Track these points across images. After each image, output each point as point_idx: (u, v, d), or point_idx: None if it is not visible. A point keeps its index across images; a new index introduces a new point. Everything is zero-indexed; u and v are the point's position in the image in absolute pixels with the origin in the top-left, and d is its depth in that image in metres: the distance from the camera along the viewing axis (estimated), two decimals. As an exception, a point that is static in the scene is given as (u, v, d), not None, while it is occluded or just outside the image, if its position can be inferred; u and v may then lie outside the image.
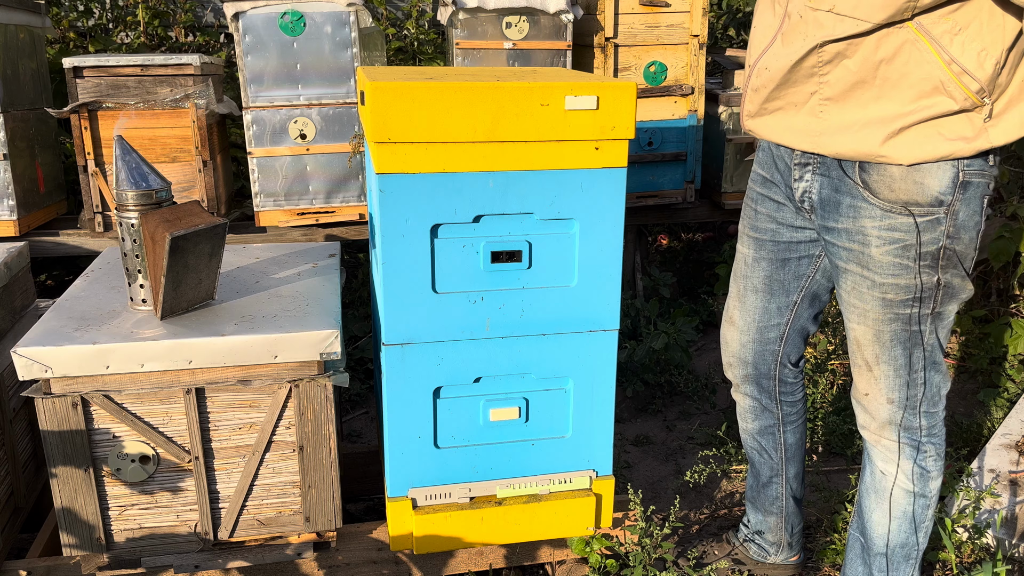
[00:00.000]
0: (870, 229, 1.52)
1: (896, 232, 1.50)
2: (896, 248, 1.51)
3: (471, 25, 3.01)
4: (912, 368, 1.61)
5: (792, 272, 1.78)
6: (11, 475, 2.00)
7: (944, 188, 1.45)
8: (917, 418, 1.67)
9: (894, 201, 1.48)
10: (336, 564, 1.87)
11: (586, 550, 1.90)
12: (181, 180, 2.86)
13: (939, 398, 1.67)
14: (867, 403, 1.70)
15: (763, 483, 2.07)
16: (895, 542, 1.77)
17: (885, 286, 1.55)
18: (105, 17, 4.22)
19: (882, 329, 1.59)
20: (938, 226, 1.48)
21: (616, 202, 1.68)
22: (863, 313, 1.60)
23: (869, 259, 1.54)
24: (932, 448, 1.69)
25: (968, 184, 1.47)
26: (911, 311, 1.55)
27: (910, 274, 1.52)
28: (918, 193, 1.46)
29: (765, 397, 1.94)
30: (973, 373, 3.21)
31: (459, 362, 1.71)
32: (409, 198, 1.58)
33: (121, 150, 1.70)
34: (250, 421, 1.73)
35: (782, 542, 2.12)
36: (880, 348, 1.61)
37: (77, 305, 1.79)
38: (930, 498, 1.73)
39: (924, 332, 1.58)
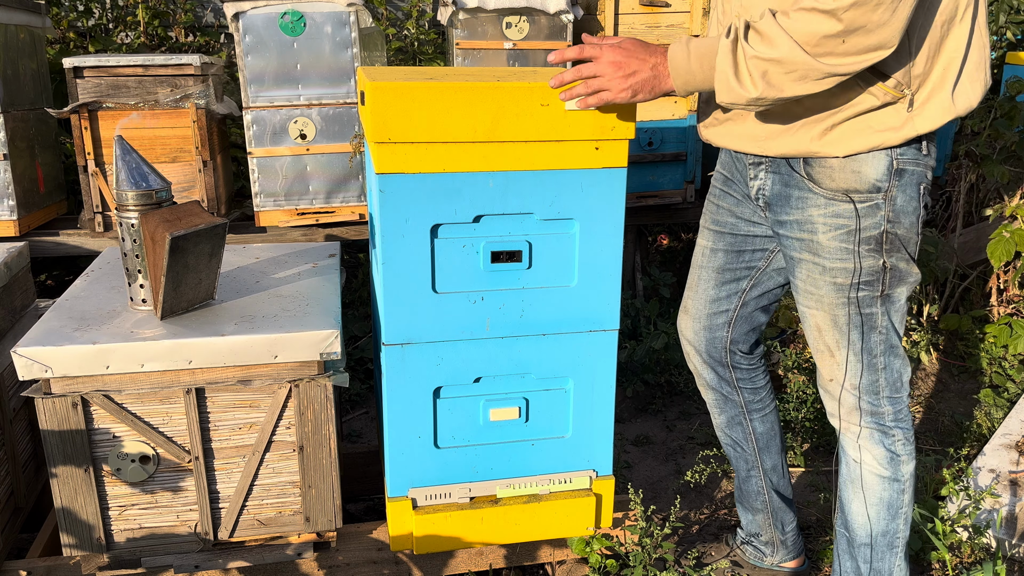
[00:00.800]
0: (816, 217, 1.62)
1: (840, 218, 1.60)
2: (841, 233, 1.60)
3: (471, 25, 3.01)
4: (871, 353, 1.68)
5: (745, 262, 1.88)
6: (11, 475, 2.00)
7: (880, 176, 1.55)
8: (883, 403, 1.72)
9: (835, 190, 1.58)
10: (336, 564, 1.87)
11: (586, 550, 1.90)
12: (181, 180, 2.86)
13: (901, 384, 1.73)
14: (832, 389, 1.75)
15: (743, 479, 2.10)
16: (876, 530, 1.80)
17: (835, 270, 1.63)
18: (105, 17, 4.22)
19: (837, 314, 1.67)
20: (877, 211, 1.58)
21: (616, 202, 1.68)
22: (819, 299, 1.68)
23: (818, 246, 1.64)
24: (900, 432, 1.74)
25: (903, 172, 1.56)
26: (861, 294, 1.64)
27: (855, 258, 1.61)
28: (856, 181, 1.56)
29: (725, 386, 2.00)
30: (973, 373, 3.21)
31: (459, 362, 1.71)
32: (409, 198, 1.58)
33: (121, 150, 1.70)
34: (250, 421, 1.73)
35: (775, 541, 2.13)
36: (839, 333, 1.69)
37: (77, 305, 1.79)
38: (903, 482, 1.77)
39: (876, 315, 1.66)
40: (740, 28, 1.44)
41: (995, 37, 4.46)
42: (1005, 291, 3.33)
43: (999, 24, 4.37)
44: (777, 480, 2.09)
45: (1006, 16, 4.34)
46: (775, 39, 1.39)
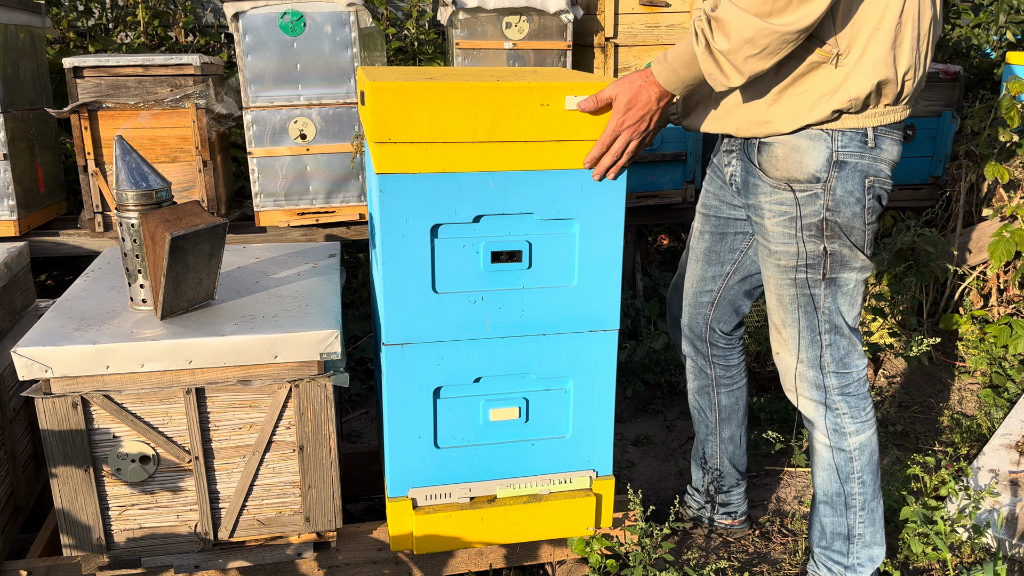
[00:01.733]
0: (764, 204, 1.74)
1: (782, 206, 1.71)
2: (783, 220, 1.72)
3: (471, 25, 3.01)
4: (814, 331, 1.79)
5: (728, 245, 1.99)
6: (11, 475, 2.00)
7: (819, 167, 1.66)
8: (827, 377, 1.82)
9: (779, 178, 1.70)
10: (336, 564, 1.87)
11: (586, 550, 1.90)
12: (181, 180, 2.86)
13: (848, 361, 1.82)
14: (779, 363, 1.89)
15: (701, 440, 2.27)
16: (829, 490, 1.92)
17: (778, 253, 1.76)
18: (105, 17, 4.22)
19: (782, 294, 1.79)
20: (816, 200, 1.68)
21: (616, 202, 1.68)
22: (767, 280, 1.82)
23: (764, 230, 1.76)
24: (844, 406, 1.84)
25: (843, 164, 1.65)
26: (803, 276, 1.74)
27: (796, 242, 1.72)
28: (798, 171, 1.67)
29: (700, 358, 2.15)
30: (973, 373, 3.21)
31: (459, 362, 1.71)
32: (409, 198, 1.58)
33: (121, 150, 1.70)
34: (250, 421, 1.73)
35: (716, 501, 2.30)
36: (784, 312, 1.81)
37: (77, 305, 1.79)
38: (850, 452, 1.87)
39: (819, 297, 1.76)
40: (705, 28, 1.55)
41: (995, 37, 4.46)
42: (1005, 291, 3.33)
43: (999, 24, 4.37)
44: (733, 450, 2.25)
45: (1006, 16, 4.34)
46: (733, 22, 1.49)
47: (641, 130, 1.61)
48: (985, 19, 4.45)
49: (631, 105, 1.59)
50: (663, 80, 1.60)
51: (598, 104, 1.58)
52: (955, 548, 2.21)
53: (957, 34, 4.53)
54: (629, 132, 1.60)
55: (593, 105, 1.58)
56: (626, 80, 1.60)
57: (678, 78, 1.60)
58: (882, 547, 1.95)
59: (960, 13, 4.68)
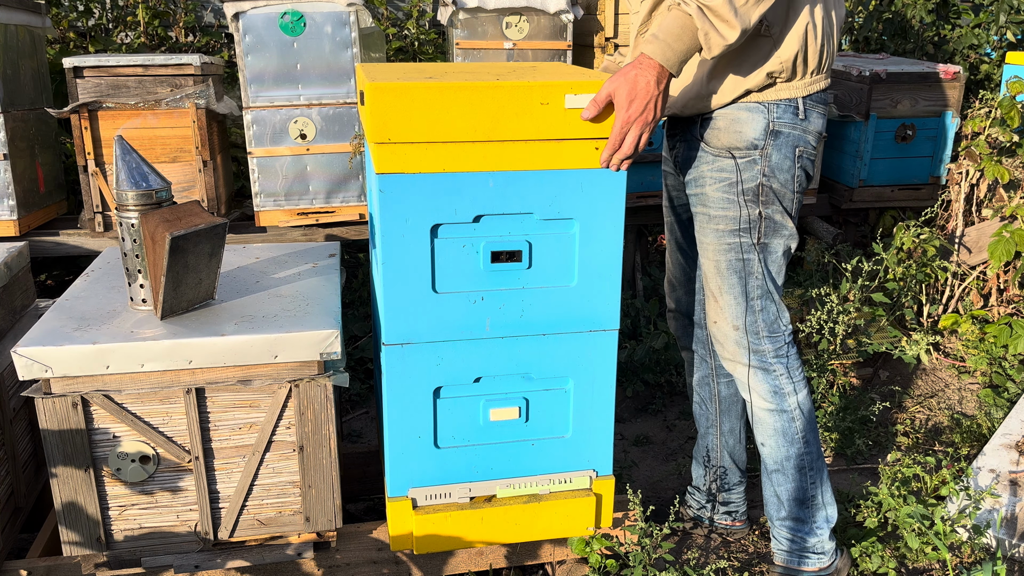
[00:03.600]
0: (706, 172, 1.84)
1: (723, 172, 1.81)
2: (724, 185, 1.82)
3: (471, 25, 3.01)
4: (748, 296, 1.87)
5: (691, 232, 2.07)
6: (11, 475, 2.00)
7: (757, 135, 1.78)
8: (762, 342, 1.90)
9: (720, 147, 1.81)
10: (336, 564, 1.87)
11: (586, 550, 1.90)
12: (181, 180, 2.86)
13: (779, 325, 1.91)
14: (716, 331, 1.94)
15: (702, 435, 2.30)
16: (779, 456, 1.98)
17: (718, 218, 1.84)
18: (105, 17, 4.22)
19: (719, 259, 1.87)
20: (755, 166, 1.79)
21: (616, 202, 1.68)
22: (705, 248, 1.89)
23: (706, 197, 1.85)
24: (781, 367, 1.92)
25: (779, 133, 1.78)
26: (740, 240, 1.84)
27: (735, 207, 1.82)
28: (738, 140, 1.79)
29: (700, 347, 2.20)
30: (973, 373, 3.21)
31: (459, 362, 1.71)
32: (409, 198, 1.58)
33: (121, 150, 1.70)
34: (250, 421, 1.73)
35: (717, 499, 2.31)
36: (721, 279, 1.88)
37: (77, 305, 1.79)
38: (791, 412, 1.93)
39: (752, 262, 1.85)
40: None
41: (995, 37, 4.46)
42: (1005, 291, 3.33)
43: (999, 24, 4.36)
44: (733, 444, 2.27)
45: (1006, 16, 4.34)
46: None
47: (648, 120, 1.61)
48: (985, 19, 4.45)
49: (632, 97, 1.58)
50: (660, 58, 1.60)
51: (599, 107, 1.58)
52: (955, 548, 2.21)
53: (957, 34, 4.53)
54: (638, 126, 1.60)
55: (595, 109, 1.58)
56: (620, 73, 1.59)
57: (673, 52, 1.61)
58: (834, 507, 2.02)
59: (960, 13, 4.67)
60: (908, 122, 3.50)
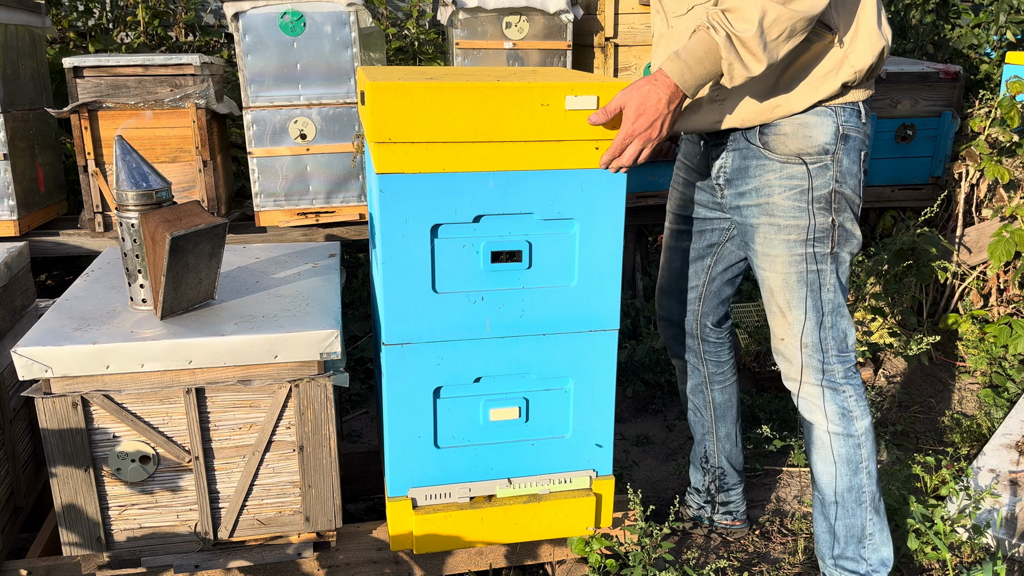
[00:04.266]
0: (774, 180, 1.76)
1: (794, 179, 1.74)
2: (795, 192, 1.75)
3: (471, 25, 3.01)
4: (819, 311, 1.80)
5: (705, 242, 2.05)
6: (11, 475, 2.00)
7: (828, 139, 1.72)
8: (832, 361, 1.83)
9: (789, 154, 1.74)
10: (336, 564, 1.87)
11: (586, 550, 1.90)
12: (181, 180, 2.86)
13: (847, 345, 1.85)
14: (783, 348, 1.87)
15: (698, 441, 2.29)
16: (841, 487, 1.89)
17: (789, 228, 1.77)
18: (105, 17, 4.22)
19: (789, 271, 1.80)
20: (827, 171, 1.73)
21: (616, 202, 1.68)
22: (773, 260, 1.81)
23: (774, 207, 1.77)
24: (851, 389, 1.85)
25: (848, 137, 1.73)
26: (813, 250, 1.77)
27: (807, 215, 1.75)
28: (808, 144, 1.72)
29: (692, 356, 2.18)
30: (973, 373, 3.21)
31: (459, 362, 1.71)
32: (409, 198, 1.58)
33: (121, 150, 1.70)
34: (250, 421, 1.73)
35: (716, 500, 2.31)
36: (790, 293, 1.81)
37: (77, 305, 1.79)
38: (858, 437, 1.86)
39: (825, 272, 1.79)
40: (721, 18, 1.55)
41: (995, 37, 4.46)
42: (1005, 291, 3.33)
43: (999, 24, 4.36)
44: (730, 448, 2.26)
45: (1006, 16, 4.34)
46: (751, 8, 1.52)
47: (652, 137, 1.58)
48: (985, 19, 4.45)
49: (640, 112, 1.57)
50: (677, 78, 1.58)
51: (608, 116, 1.57)
52: (955, 548, 2.21)
53: (957, 34, 4.53)
54: (640, 140, 1.58)
55: (604, 118, 1.57)
56: (634, 87, 1.58)
57: (693, 75, 1.58)
58: (891, 548, 1.92)
59: (960, 13, 4.67)
60: (908, 122, 3.50)
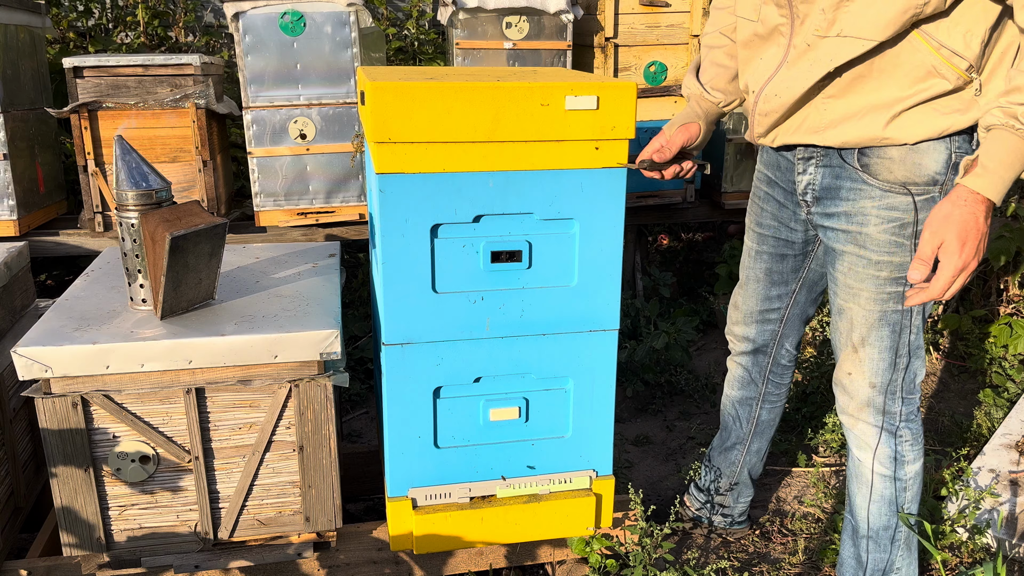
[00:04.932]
0: (870, 209, 1.61)
1: (895, 211, 1.59)
2: (894, 226, 1.60)
3: (471, 25, 3.01)
4: (897, 352, 1.69)
5: (790, 265, 1.93)
6: (11, 475, 2.00)
7: (939, 168, 1.56)
8: (896, 403, 1.74)
9: (893, 181, 1.58)
10: (336, 564, 1.87)
11: (586, 550, 1.90)
12: (181, 180, 2.86)
13: (915, 385, 1.75)
14: (848, 383, 1.77)
15: (727, 447, 2.23)
16: (877, 524, 1.84)
17: (881, 264, 1.63)
18: (105, 17, 4.22)
19: (873, 309, 1.67)
20: (932, 205, 1.56)
21: (616, 202, 1.68)
22: (856, 294, 1.68)
23: (867, 238, 1.63)
24: (908, 433, 1.77)
25: (959, 166, 1.54)
26: (902, 290, 1.63)
27: (905, 252, 1.61)
28: (916, 173, 1.56)
29: (756, 371, 2.10)
30: (973, 373, 3.21)
31: (459, 362, 1.71)
32: (409, 198, 1.58)
33: (121, 150, 1.70)
34: (250, 421, 1.73)
35: (721, 504, 2.28)
36: (869, 329, 1.69)
37: (77, 305, 1.79)
38: (906, 481, 1.80)
39: (910, 314, 1.67)
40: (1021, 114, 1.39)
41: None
42: (1005, 291, 3.33)
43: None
44: (755, 462, 2.23)
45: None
46: None
47: (980, 260, 1.45)
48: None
49: (964, 240, 1.42)
50: (992, 193, 1.42)
51: (929, 265, 1.43)
52: (955, 548, 2.21)
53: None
54: (971, 270, 1.44)
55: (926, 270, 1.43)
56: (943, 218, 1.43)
57: (1004, 183, 1.43)
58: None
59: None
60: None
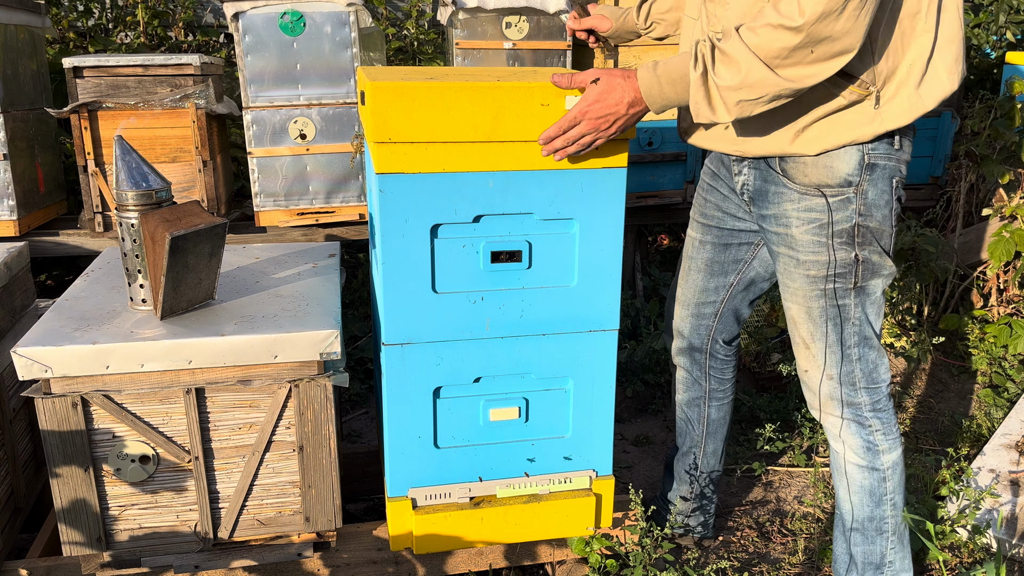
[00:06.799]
0: (791, 211, 1.67)
1: (812, 212, 1.64)
2: (814, 227, 1.65)
3: (471, 25, 3.01)
4: (844, 344, 1.73)
5: (732, 256, 1.95)
6: (11, 475, 2.00)
7: (851, 170, 1.60)
8: (859, 394, 1.76)
9: (808, 184, 1.63)
10: (336, 564, 1.87)
11: (586, 550, 1.90)
12: (181, 180, 2.86)
13: (878, 375, 1.77)
14: (808, 379, 1.81)
15: (683, 452, 2.22)
16: (861, 516, 1.86)
17: (807, 263, 1.68)
18: (105, 17, 4.22)
19: (811, 306, 1.72)
20: (849, 205, 1.62)
21: (616, 202, 1.68)
22: (794, 292, 1.74)
23: (792, 239, 1.69)
24: (879, 423, 1.79)
25: (874, 166, 1.60)
26: (833, 286, 1.68)
27: (827, 251, 1.66)
28: (828, 176, 1.61)
29: (696, 369, 2.11)
30: (973, 373, 3.21)
31: (459, 362, 1.71)
32: (409, 198, 1.58)
33: (121, 150, 1.70)
34: (250, 421, 1.73)
35: (686, 511, 2.25)
36: (812, 325, 1.74)
37: (77, 305, 1.79)
38: (884, 471, 1.81)
39: (849, 307, 1.70)
40: (707, 55, 1.47)
41: (995, 37, 4.46)
42: (1005, 291, 3.33)
43: (999, 24, 4.36)
44: (714, 464, 2.22)
45: (1006, 16, 4.34)
46: (741, 61, 1.43)
47: (601, 128, 1.54)
48: (985, 19, 4.45)
49: (600, 99, 1.52)
50: (644, 88, 1.52)
51: (571, 84, 1.54)
52: (955, 548, 2.21)
53: (957, 34, 4.52)
54: (589, 124, 1.54)
55: (566, 83, 1.54)
56: (607, 73, 1.54)
57: (661, 93, 1.52)
58: (911, 573, 1.90)
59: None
60: (908, 122, 3.49)
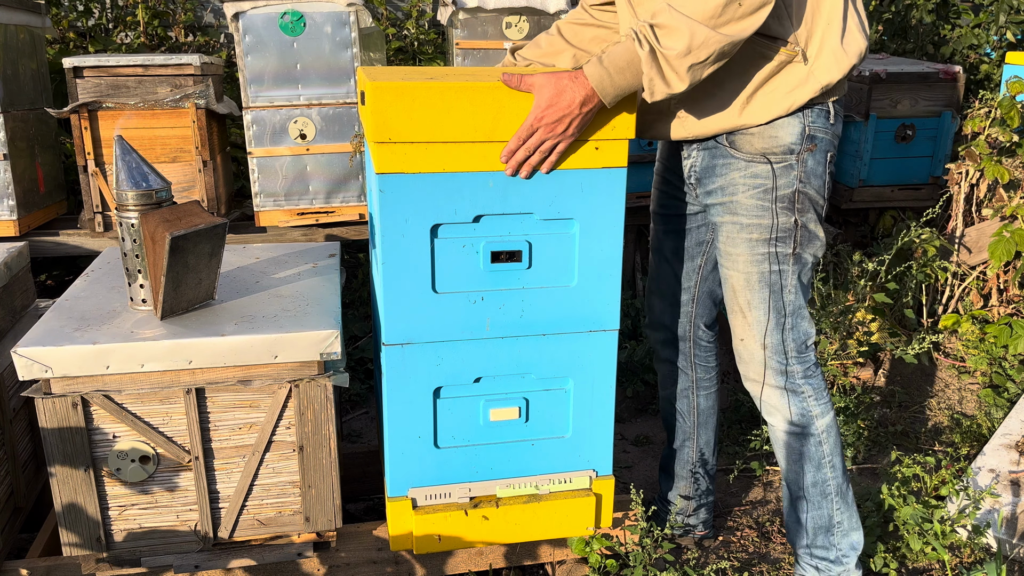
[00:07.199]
0: (738, 179, 1.77)
1: (758, 179, 1.75)
2: (758, 192, 1.75)
3: (471, 25, 3.01)
4: (780, 312, 1.82)
5: (694, 239, 2.02)
6: (11, 475, 2.00)
7: (794, 140, 1.72)
8: (792, 363, 1.85)
9: (754, 153, 1.74)
10: (336, 564, 1.87)
11: (586, 550, 1.90)
12: (181, 180, 2.86)
13: (807, 345, 1.86)
14: (743, 349, 1.88)
15: (677, 448, 2.24)
16: (806, 483, 1.92)
17: (751, 227, 1.78)
18: (105, 17, 4.22)
19: (751, 271, 1.80)
20: (791, 171, 1.73)
21: (616, 202, 1.68)
22: (735, 259, 1.82)
23: (737, 205, 1.78)
24: (810, 388, 1.86)
25: (814, 138, 1.73)
26: (775, 250, 1.78)
27: (770, 215, 1.76)
28: (773, 145, 1.72)
29: (682, 360, 2.15)
30: (973, 373, 3.21)
31: (459, 362, 1.71)
32: (409, 198, 1.58)
33: (121, 150, 1.70)
34: (250, 421, 1.73)
35: (687, 509, 2.26)
36: (751, 293, 1.82)
37: (77, 305, 1.79)
38: (820, 435, 1.88)
39: (787, 273, 1.80)
40: (649, 34, 1.52)
41: (995, 37, 4.46)
42: (1005, 291, 3.33)
43: (999, 24, 4.36)
44: (708, 456, 2.23)
45: (1006, 16, 4.34)
46: (683, 27, 1.49)
47: (559, 132, 1.55)
48: (985, 19, 4.45)
49: (552, 103, 1.53)
50: (595, 82, 1.53)
51: (518, 86, 1.54)
52: (955, 548, 2.21)
53: (957, 34, 4.53)
54: (546, 131, 1.55)
55: (515, 83, 1.54)
56: (553, 76, 1.54)
57: (612, 83, 1.54)
58: (860, 532, 1.96)
59: (960, 13, 4.67)
60: (908, 122, 3.50)
